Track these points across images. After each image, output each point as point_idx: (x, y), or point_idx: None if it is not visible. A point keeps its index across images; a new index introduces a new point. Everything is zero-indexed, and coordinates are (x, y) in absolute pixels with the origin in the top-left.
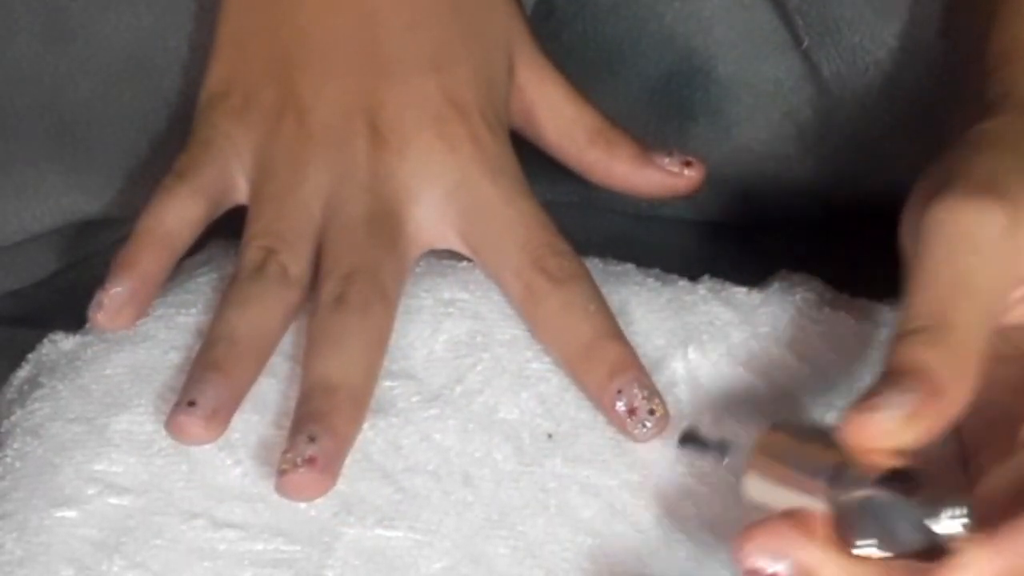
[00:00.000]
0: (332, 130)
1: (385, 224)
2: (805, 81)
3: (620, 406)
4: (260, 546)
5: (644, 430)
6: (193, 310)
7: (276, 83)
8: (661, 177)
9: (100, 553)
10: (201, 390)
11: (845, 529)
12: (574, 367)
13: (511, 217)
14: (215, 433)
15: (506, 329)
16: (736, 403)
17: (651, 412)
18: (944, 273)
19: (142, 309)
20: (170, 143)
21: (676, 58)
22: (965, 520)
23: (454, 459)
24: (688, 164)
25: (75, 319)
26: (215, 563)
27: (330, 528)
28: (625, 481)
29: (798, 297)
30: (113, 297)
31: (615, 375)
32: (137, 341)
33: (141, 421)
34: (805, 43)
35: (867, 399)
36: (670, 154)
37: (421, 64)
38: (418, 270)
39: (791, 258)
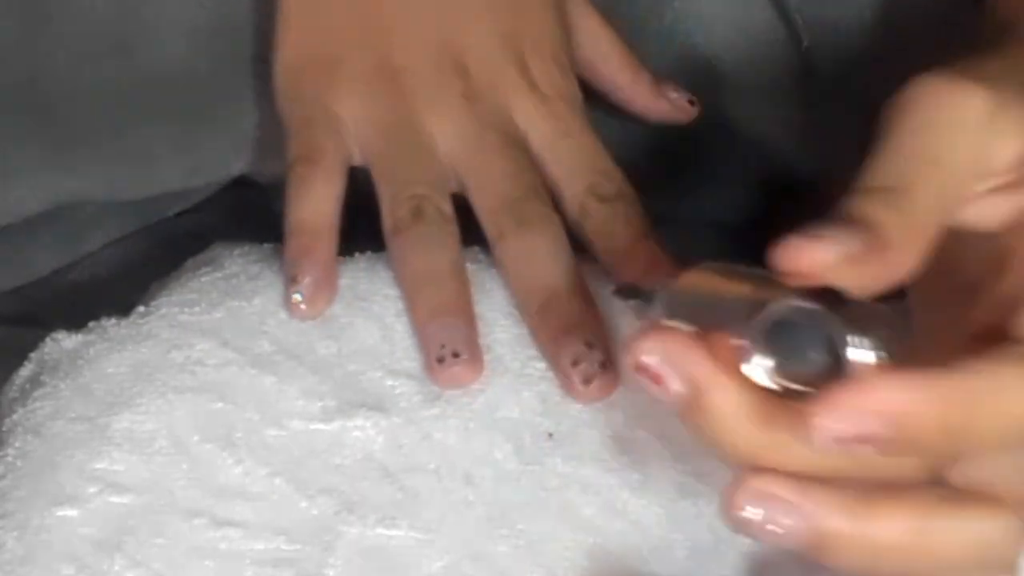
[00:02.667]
0: (428, 83)
1: (516, 148)
2: (805, 81)
3: None
4: (261, 545)
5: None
6: (196, 308)
7: (360, 48)
8: (670, 108)
9: (101, 552)
10: (450, 337)
11: (747, 349)
12: (612, 267)
13: (574, 148)
14: (478, 367)
15: (507, 328)
16: None
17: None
18: (913, 143)
19: (334, 288)
20: (151, 118)
21: (676, 58)
22: (882, 353)
23: (455, 458)
24: (691, 102)
25: (75, 318)
26: (216, 562)
27: (331, 527)
28: (626, 480)
29: None
30: (307, 287)
31: (646, 274)
32: (139, 340)
33: (142, 420)
34: (805, 43)
35: (810, 231)
36: (676, 90)
37: (500, 10)
38: None
39: None
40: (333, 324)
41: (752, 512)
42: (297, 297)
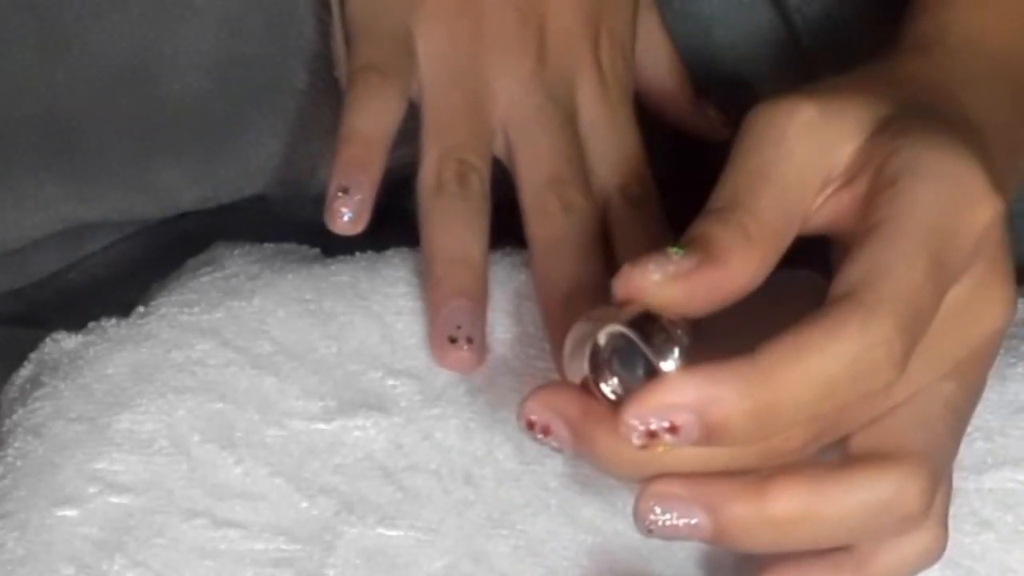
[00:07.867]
0: (507, 37)
1: (572, 128)
2: (805, 81)
3: None
4: (261, 545)
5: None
6: (196, 309)
7: None
8: (707, 123)
9: (101, 552)
10: (469, 322)
11: (599, 376)
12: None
13: (616, 141)
14: (483, 358)
15: (509, 327)
16: None
17: None
18: (747, 162)
19: (371, 211)
20: (168, 150)
21: None
22: (686, 358)
23: (455, 458)
24: (725, 123)
25: (75, 318)
26: (216, 562)
27: (331, 527)
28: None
29: None
30: (357, 204)
31: None
32: (139, 340)
33: (142, 420)
34: (805, 43)
35: (634, 260)
36: (712, 109)
37: None
38: (421, 269)
39: (791, 256)
40: (333, 324)
41: (657, 515)
42: (347, 215)
